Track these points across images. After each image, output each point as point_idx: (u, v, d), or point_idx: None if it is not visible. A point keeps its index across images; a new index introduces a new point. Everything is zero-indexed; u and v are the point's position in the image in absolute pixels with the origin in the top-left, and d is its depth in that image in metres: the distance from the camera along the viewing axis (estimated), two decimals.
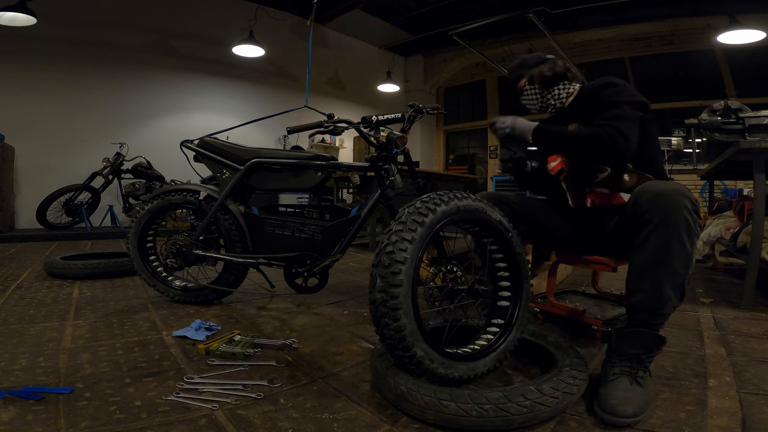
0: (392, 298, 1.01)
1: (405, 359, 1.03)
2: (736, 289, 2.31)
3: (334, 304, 2.06)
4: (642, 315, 1.11)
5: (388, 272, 1.01)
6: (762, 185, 1.94)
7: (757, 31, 4.92)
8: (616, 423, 0.97)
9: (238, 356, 1.33)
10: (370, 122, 1.75)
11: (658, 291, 1.07)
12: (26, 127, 4.90)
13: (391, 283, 1.01)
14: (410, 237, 1.05)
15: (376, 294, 1.03)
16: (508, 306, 1.29)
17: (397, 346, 1.02)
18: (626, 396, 1.01)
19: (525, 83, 1.53)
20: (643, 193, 1.10)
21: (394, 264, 1.02)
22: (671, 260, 1.05)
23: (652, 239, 1.06)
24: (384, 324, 1.02)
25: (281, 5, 6.54)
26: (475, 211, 1.19)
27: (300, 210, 2.00)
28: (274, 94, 6.81)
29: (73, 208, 4.85)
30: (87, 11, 5.19)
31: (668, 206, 1.05)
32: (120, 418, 0.96)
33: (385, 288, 1.01)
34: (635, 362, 1.09)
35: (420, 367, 1.03)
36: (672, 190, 1.06)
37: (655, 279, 1.07)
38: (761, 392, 1.14)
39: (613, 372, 1.09)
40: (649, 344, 1.10)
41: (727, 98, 4.34)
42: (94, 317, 1.74)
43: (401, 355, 1.03)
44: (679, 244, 1.04)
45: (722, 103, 2.53)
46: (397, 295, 1.00)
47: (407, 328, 1.01)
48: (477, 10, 6.32)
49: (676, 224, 1.04)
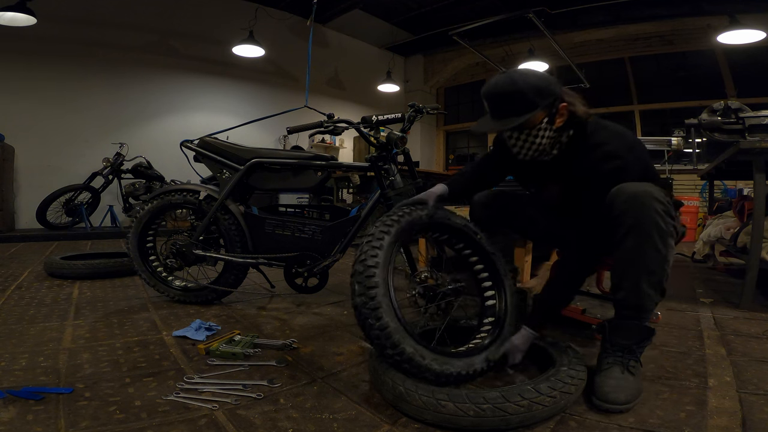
0: (371, 300, 1.08)
1: (396, 357, 1.06)
2: (736, 289, 2.31)
3: (334, 304, 2.06)
4: (626, 310, 1.15)
5: (364, 277, 1.10)
6: (762, 185, 1.94)
7: (757, 31, 4.92)
8: (609, 409, 1.02)
9: (238, 356, 1.33)
10: (370, 122, 1.76)
11: (636, 289, 1.11)
12: (26, 127, 4.90)
13: (368, 285, 1.09)
14: (379, 245, 1.14)
15: (356, 299, 1.10)
16: (495, 303, 1.36)
17: (386, 345, 1.06)
18: (619, 384, 1.06)
19: (543, 119, 1.17)
20: (618, 195, 1.12)
21: (368, 269, 1.10)
22: (646, 261, 1.09)
23: (628, 241, 1.09)
24: (369, 325, 1.07)
25: (281, 5, 6.54)
26: (438, 217, 1.32)
27: (300, 210, 2.00)
28: (274, 94, 6.82)
29: (73, 208, 4.85)
30: (87, 11, 5.19)
31: (639, 209, 1.07)
32: (120, 418, 0.96)
33: (363, 291, 1.08)
34: (627, 352, 1.13)
35: (412, 364, 1.05)
36: (643, 193, 1.08)
37: (633, 278, 1.11)
38: (761, 392, 1.14)
39: (607, 362, 1.13)
40: (638, 336, 1.15)
41: (727, 98, 4.34)
42: (94, 317, 1.74)
43: (391, 354, 1.06)
44: (652, 246, 1.07)
45: (722, 103, 2.53)
46: (374, 296, 1.07)
47: (390, 325, 1.06)
48: (477, 10, 6.33)
49: (648, 227, 1.07)
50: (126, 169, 5.11)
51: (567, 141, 1.25)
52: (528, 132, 1.19)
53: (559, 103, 1.18)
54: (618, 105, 6.94)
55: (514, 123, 1.15)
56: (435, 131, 9.32)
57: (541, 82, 1.16)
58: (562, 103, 1.18)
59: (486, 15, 5.98)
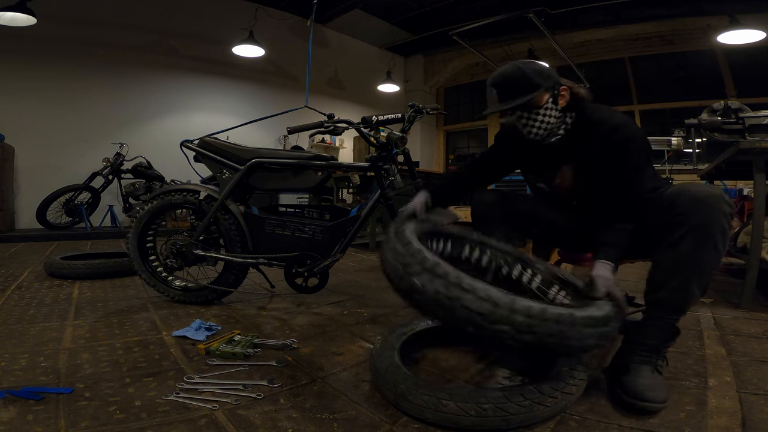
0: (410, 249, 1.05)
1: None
2: (736, 289, 2.31)
3: (334, 304, 2.06)
4: (665, 311, 1.16)
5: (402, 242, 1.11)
6: (762, 185, 1.94)
7: (757, 31, 4.92)
8: (646, 408, 1.02)
9: (238, 356, 1.33)
10: (370, 122, 1.76)
11: (684, 289, 1.12)
12: (26, 127, 4.90)
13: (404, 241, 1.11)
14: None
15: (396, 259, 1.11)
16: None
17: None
18: (653, 383, 1.07)
19: (547, 99, 1.27)
20: (681, 195, 1.13)
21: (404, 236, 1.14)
22: (703, 262, 1.10)
23: (686, 241, 1.10)
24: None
25: (281, 5, 6.54)
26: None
27: (300, 210, 2.00)
28: (274, 94, 6.82)
29: (73, 208, 4.86)
30: (87, 11, 5.19)
31: (706, 210, 1.09)
32: (120, 418, 0.96)
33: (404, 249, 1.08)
34: (654, 352, 1.15)
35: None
36: (710, 194, 1.11)
37: (683, 278, 1.12)
38: (761, 392, 1.14)
39: (634, 361, 1.14)
40: (668, 336, 1.18)
41: (727, 98, 4.33)
42: (94, 317, 1.74)
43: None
44: (713, 247, 1.09)
45: (722, 103, 2.53)
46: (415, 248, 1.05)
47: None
48: (477, 10, 6.33)
49: (713, 228, 1.08)
50: (126, 169, 5.11)
51: (572, 122, 1.33)
52: (536, 111, 1.27)
53: (559, 87, 1.29)
54: (618, 105, 6.93)
55: (523, 100, 1.25)
56: (435, 131, 9.32)
57: (542, 68, 1.29)
58: (562, 86, 1.29)
59: (486, 15, 5.98)
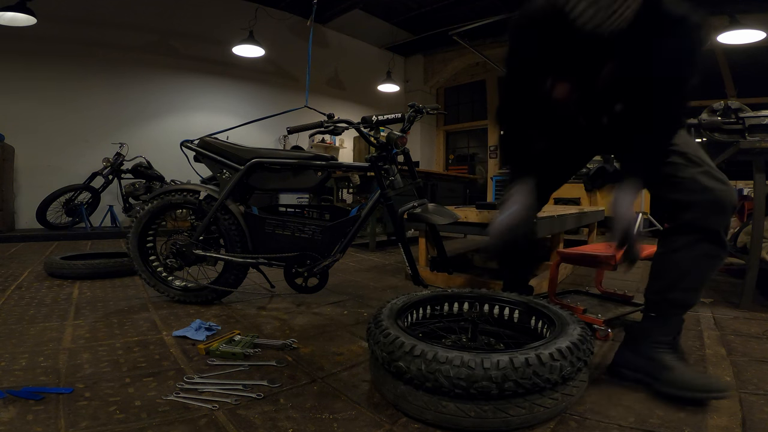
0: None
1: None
2: (736, 289, 2.31)
3: (334, 304, 2.06)
4: (676, 309, 1.22)
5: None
6: (762, 185, 1.94)
7: (757, 31, 4.92)
8: (708, 398, 1.07)
9: (238, 356, 1.33)
10: (370, 122, 1.76)
11: (695, 291, 1.21)
12: (26, 127, 4.89)
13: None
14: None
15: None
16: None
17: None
18: (698, 375, 1.15)
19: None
20: (696, 192, 1.15)
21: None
22: (712, 267, 1.19)
23: (703, 246, 1.16)
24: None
25: (281, 5, 6.54)
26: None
27: (300, 210, 2.00)
28: (274, 94, 6.81)
29: (73, 208, 4.85)
30: (87, 11, 5.19)
31: (721, 217, 1.14)
32: (120, 418, 0.96)
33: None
34: (673, 346, 1.21)
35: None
36: (725, 200, 1.13)
37: (697, 282, 1.20)
38: (761, 392, 1.14)
39: (668, 357, 1.17)
40: (678, 328, 1.25)
41: (727, 98, 4.33)
42: (94, 317, 1.74)
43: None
44: (724, 254, 1.18)
45: (722, 103, 2.53)
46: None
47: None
48: (477, 10, 6.32)
49: (724, 235, 1.16)
50: (126, 169, 5.10)
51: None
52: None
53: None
54: None
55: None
56: (435, 131, 9.32)
57: None
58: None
59: (486, 15, 5.98)
